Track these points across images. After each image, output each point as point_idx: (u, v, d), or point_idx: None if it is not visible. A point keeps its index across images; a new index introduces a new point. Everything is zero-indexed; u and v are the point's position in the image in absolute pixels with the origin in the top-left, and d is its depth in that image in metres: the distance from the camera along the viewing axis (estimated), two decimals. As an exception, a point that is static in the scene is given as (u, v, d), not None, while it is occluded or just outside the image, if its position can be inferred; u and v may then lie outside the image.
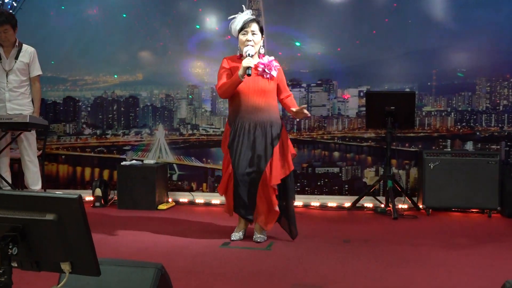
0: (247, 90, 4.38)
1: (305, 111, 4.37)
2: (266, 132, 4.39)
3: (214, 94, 6.70)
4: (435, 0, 6.36)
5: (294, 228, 4.56)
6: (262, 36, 4.49)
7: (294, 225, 4.55)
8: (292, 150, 4.54)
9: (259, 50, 4.49)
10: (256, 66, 4.39)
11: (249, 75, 4.22)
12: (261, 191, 4.38)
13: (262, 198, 4.40)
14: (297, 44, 6.54)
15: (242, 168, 4.37)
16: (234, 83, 4.32)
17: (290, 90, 4.81)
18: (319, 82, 6.58)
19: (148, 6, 6.76)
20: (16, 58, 5.58)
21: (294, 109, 4.47)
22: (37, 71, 5.71)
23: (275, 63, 4.48)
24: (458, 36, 6.30)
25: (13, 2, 6.64)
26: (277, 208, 4.40)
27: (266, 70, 4.41)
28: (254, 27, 4.40)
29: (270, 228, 4.53)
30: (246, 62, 4.23)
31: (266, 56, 4.50)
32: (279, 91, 4.56)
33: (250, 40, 4.37)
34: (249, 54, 4.30)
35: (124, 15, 6.80)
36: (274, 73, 4.44)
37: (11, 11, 6.44)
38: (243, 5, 4.57)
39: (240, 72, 4.25)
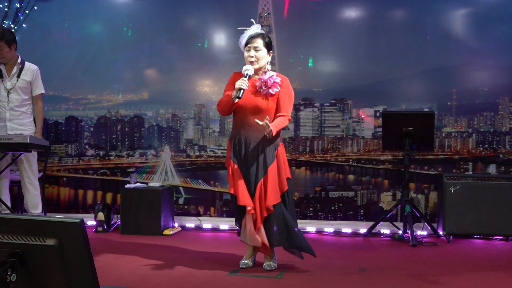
0: (245, 107, 4.39)
1: (261, 123, 4.17)
2: (258, 152, 4.37)
3: (222, 113, 6.73)
4: (454, 15, 6.39)
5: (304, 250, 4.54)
6: (269, 52, 4.48)
7: (306, 250, 4.52)
8: (288, 174, 4.47)
9: (265, 66, 4.47)
10: (253, 83, 4.39)
11: (239, 98, 4.22)
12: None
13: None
14: (310, 61, 6.58)
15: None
16: (229, 103, 4.35)
17: (302, 110, 4.79)
18: (333, 101, 6.60)
19: (155, 22, 6.84)
20: (18, 76, 5.64)
21: (259, 123, 4.23)
22: (39, 89, 5.76)
23: (277, 79, 4.39)
24: (479, 53, 6.31)
25: (15, 19, 6.74)
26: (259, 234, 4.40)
27: (263, 87, 4.39)
28: (258, 42, 4.38)
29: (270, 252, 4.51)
30: (238, 84, 4.22)
31: (269, 72, 4.44)
32: (277, 109, 4.45)
33: (252, 57, 4.38)
34: (247, 74, 4.29)
35: (129, 32, 6.88)
36: (272, 91, 4.37)
37: (12, 26, 6.54)
38: (252, 19, 4.59)
39: (233, 93, 4.27)
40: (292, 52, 6.56)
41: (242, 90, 4.22)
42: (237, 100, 4.25)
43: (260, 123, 4.17)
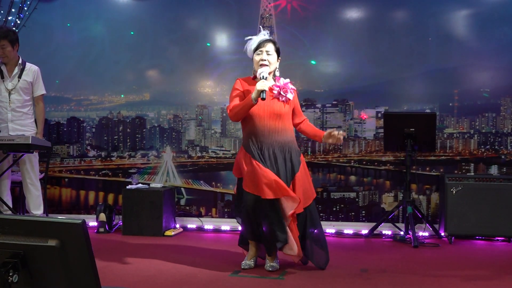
0: (263, 113, 4.38)
1: (336, 133, 4.37)
2: (285, 157, 4.39)
3: (224, 114, 6.74)
4: (456, 16, 6.39)
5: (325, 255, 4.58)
6: (278, 58, 4.52)
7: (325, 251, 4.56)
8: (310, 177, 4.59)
9: (274, 72, 4.51)
10: (271, 89, 4.42)
11: (263, 99, 4.21)
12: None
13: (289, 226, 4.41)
14: (312, 62, 6.58)
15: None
16: (247, 106, 4.32)
17: (304, 111, 4.83)
18: (334, 102, 6.60)
19: (157, 23, 6.85)
20: (19, 77, 5.65)
21: (326, 133, 4.44)
22: (40, 90, 5.77)
23: (291, 86, 4.50)
24: (481, 54, 6.31)
25: (17, 19, 6.75)
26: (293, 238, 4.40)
27: (281, 92, 4.42)
28: (270, 47, 4.43)
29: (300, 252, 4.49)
30: (260, 85, 4.21)
31: (282, 79, 4.50)
32: (294, 115, 4.58)
33: (265, 60, 4.40)
34: (263, 77, 4.30)
35: (132, 33, 6.89)
36: (290, 96, 4.45)
37: (14, 28, 6.54)
38: (260, 26, 4.62)
39: (254, 95, 4.24)
40: (293, 53, 6.56)
41: (264, 92, 4.21)
42: (256, 102, 4.25)
43: (340, 136, 4.37)
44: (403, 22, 6.52)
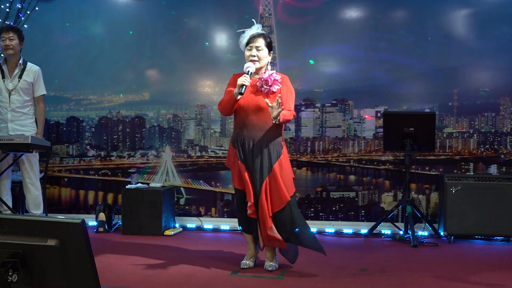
0: (246, 107, 4.40)
1: (271, 105, 4.21)
2: (262, 151, 4.35)
3: (223, 114, 6.73)
4: (455, 16, 6.39)
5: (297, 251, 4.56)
6: (270, 52, 4.50)
7: (314, 248, 4.48)
8: (291, 173, 4.51)
9: (266, 66, 4.49)
10: (254, 83, 4.41)
11: (241, 93, 4.23)
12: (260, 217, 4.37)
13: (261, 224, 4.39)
14: (311, 62, 6.58)
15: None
16: (230, 101, 4.37)
17: (303, 110, 4.80)
18: (334, 102, 6.60)
19: (156, 23, 6.85)
20: (20, 77, 5.65)
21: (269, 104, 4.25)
22: (41, 90, 5.77)
23: (277, 76, 4.42)
24: (481, 53, 6.32)
25: (16, 19, 6.75)
26: (274, 233, 4.35)
27: (264, 85, 4.40)
28: (260, 42, 4.41)
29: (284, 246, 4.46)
30: (241, 80, 4.23)
31: (268, 71, 4.46)
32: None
33: (254, 56, 4.39)
34: (248, 72, 4.31)
35: (131, 32, 6.89)
36: (273, 88, 4.39)
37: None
38: (253, 19, 4.60)
39: (235, 90, 4.28)
40: (293, 52, 6.56)
41: (244, 87, 4.22)
42: (239, 97, 4.27)
43: (270, 104, 4.19)
44: (402, 21, 6.52)
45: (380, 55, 6.46)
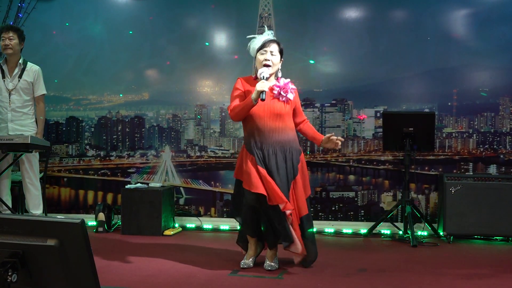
0: (263, 113, 4.39)
1: (335, 138, 4.42)
2: (286, 157, 4.41)
3: (223, 114, 6.74)
4: (455, 16, 6.39)
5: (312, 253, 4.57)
6: (281, 59, 4.52)
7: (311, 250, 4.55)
8: (307, 176, 4.64)
9: (276, 73, 4.52)
10: (271, 89, 4.42)
11: (262, 100, 4.21)
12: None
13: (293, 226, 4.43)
14: (311, 62, 6.58)
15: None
16: (247, 106, 4.33)
17: (303, 110, 4.83)
18: (333, 101, 6.61)
19: (155, 23, 6.85)
20: (20, 77, 5.66)
21: (325, 138, 4.49)
22: (41, 90, 5.77)
23: (291, 86, 4.50)
24: (480, 53, 6.32)
25: (16, 19, 6.74)
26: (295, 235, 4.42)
27: (282, 93, 4.42)
28: (274, 47, 4.44)
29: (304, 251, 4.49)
30: (260, 86, 4.21)
31: (282, 79, 4.51)
32: (294, 114, 4.59)
33: (268, 60, 4.39)
34: (263, 77, 4.30)
35: (131, 32, 6.89)
36: (290, 96, 4.45)
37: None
38: (265, 25, 4.62)
39: (254, 95, 4.25)
40: (292, 52, 6.55)
41: (264, 93, 4.21)
42: (256, 102, 4.26)
43: (338, 142, 4.43)
44: (402, 21, 6.53)
45: (379, 55, 6.46)
